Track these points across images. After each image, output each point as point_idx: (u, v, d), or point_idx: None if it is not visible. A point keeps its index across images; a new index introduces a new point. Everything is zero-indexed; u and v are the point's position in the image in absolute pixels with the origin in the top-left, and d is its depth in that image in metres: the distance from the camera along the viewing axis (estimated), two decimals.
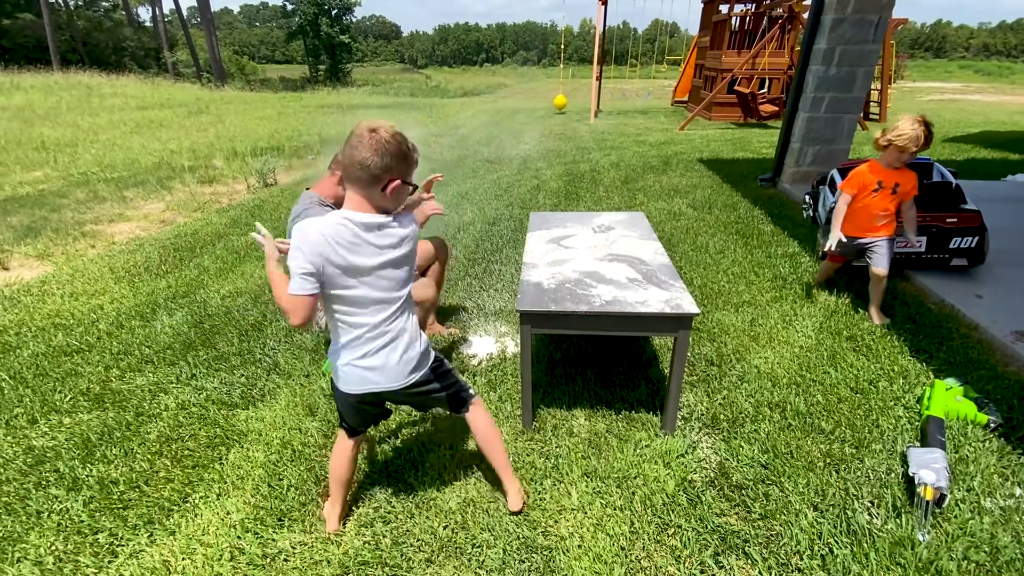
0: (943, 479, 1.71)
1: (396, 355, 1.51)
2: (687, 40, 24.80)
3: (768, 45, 11.61)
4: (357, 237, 1.38)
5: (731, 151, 8.68)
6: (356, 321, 1.46)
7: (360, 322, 1.46)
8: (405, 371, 1.54)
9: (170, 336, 3.01)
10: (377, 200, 1.39)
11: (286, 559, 1.65)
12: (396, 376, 1.53)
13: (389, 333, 1.49)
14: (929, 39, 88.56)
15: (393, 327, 1.50)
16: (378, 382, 1.52)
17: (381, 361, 1.50)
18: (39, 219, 5.28)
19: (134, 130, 11.21)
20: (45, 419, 2.32)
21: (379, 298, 1.45)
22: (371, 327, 1.47)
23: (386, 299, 1.47)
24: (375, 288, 1.44)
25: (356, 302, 1.44)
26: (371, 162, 1.32)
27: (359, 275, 1.40)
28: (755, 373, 2.54)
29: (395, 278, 1.47)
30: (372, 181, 1.35)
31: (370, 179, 1.34)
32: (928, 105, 17.42)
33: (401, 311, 1.52)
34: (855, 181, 2.86)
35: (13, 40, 29.16)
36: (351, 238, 1.37)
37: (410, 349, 1.54)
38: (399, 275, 1.48)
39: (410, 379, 1.55)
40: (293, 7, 42.45)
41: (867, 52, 5.31)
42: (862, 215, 2.90)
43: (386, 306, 1.47)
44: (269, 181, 6.89)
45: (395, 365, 1.52)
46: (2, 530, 1.76)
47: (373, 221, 1.39)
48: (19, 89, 17.82)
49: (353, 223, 1.37)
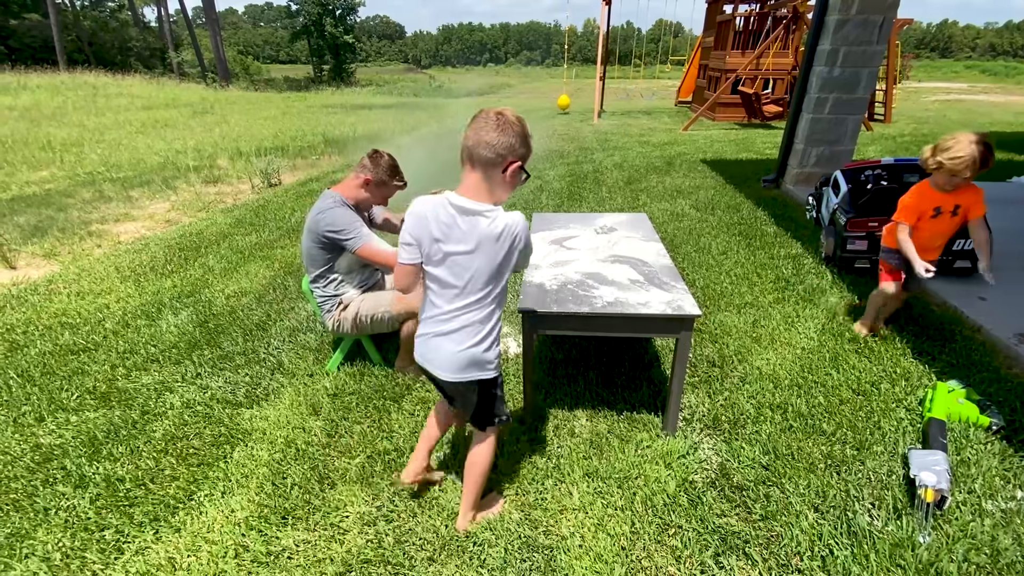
0: (944, 481, 1.72)
1: (453, 347, 1.51)
2: (691, 40, 24.77)
3: (772, 45, 11.59)
4: (452, 220, 1.41)
5: (735, 152, 8.66)
6: (433, 300, 1.52)
7: (436, 302, 1.51)
8: (454, 367, 1.54)
9: (175, 335, 3.04)
10: (496, 182, 1.42)
11: (290, 557, 1.67)
12: (444, 367, 1.55)
13: (455, 323, 1.50)
14: (935, 39, 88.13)
15: (460, 320, 1.49)
16: (430, 362, 1.57)
17: (436, 346, 1.54)
18: (46, 218, 5.32)
19: (139, 130, 11.28)
20: (52, 417, 2.34)
21: (454, 284, 1.47)
22: (443, 311, 1.50)
23: (461, 288, 1.47)
24: (452, 274, 1.46)
25: (437, 281, 1.49)
26: (497, 142, 1.36)
27: (443, 256, 1.44)
28: (757, 374, 2.54)
29: (472, 269, 1.43)
30: (496, 162, 1.38)
31: (495, 159, 1.38)
32: (934, 105, 17.34)
33: (477, 308, 1.49)
34: (911, 211, 2.50)
35: (20, 40, 29.34)
36: (447, 219, 1.42)
37: (470, 349, 1.51)
38: (478, 267, 1.43)
39: (455, 377, 1.55)
40: (297, 7, 42.53)
41: (871, 53, 5.29)
42: (916, 241, 2.51)
43: (460, 296, 1.48)
44: (273, 181, 6.92)
45: (447, 357, 1.53)
46: (11, 526, 1.78)
47: (470, 207, 1.40)
48: (26, 89, 17.96)
49: (452, 206, 1.41)
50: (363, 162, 2.38)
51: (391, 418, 2.29)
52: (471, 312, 1.49)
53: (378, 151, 2.40)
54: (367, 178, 2.35)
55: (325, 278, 2.43)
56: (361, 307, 2.42)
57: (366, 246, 2.27)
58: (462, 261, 1.43)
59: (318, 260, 2.39)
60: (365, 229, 2.31)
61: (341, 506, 1.85)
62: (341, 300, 2.45)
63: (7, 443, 2.18)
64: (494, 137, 1.37)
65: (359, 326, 2.45)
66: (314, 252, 2.37)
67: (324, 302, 2.46)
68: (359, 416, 2.31)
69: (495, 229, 1.40)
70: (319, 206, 2.33)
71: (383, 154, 2.39)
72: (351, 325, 2.45)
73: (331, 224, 2.26)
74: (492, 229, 1.40)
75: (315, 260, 2.39)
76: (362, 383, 2.52)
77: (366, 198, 2.41)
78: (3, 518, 1.82)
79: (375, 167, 2.36)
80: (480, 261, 1.43)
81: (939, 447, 1.90)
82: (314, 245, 2.35)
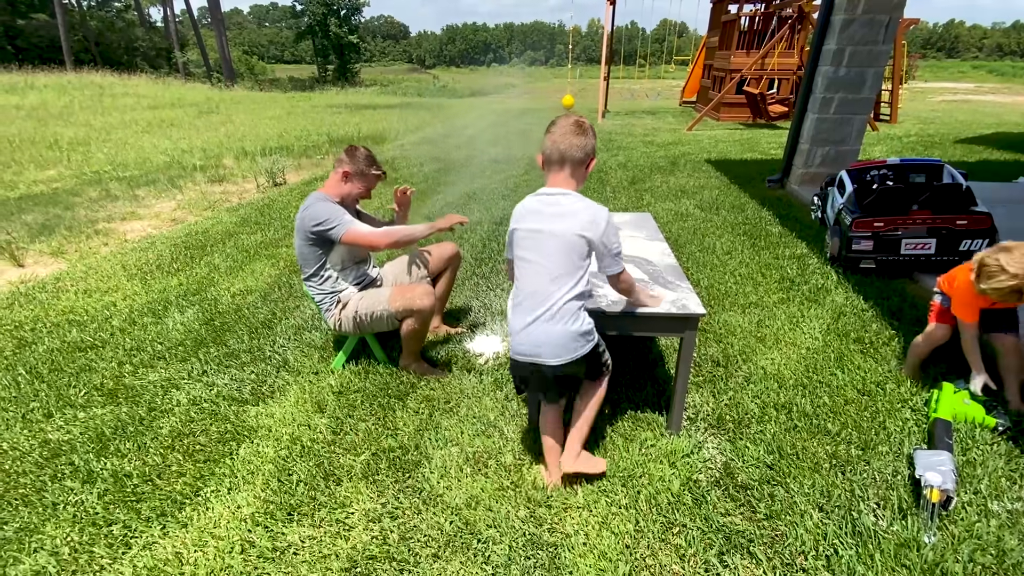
0: (949, 481, 1.71)
1: (560, 328, 1.61)
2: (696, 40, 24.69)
3: (778, 45, 11.55)
4: (540, 204, 1.66)
5: (739, 152, 8.64)
6: (519, 285, 1.68)
7: (520, 286, 1.67)
8: (566, 349, 1.63)
9: (181, 333, 3.06)
10: (579, 176, 1.68)
11: (295, 552, 1.68)
12: (554, 353, 1.63)
13: (555, 306, 1.61)
14: (941, 39, 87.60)
15: (562, 301, 1.61)
16: (541, 347, 1.64)
17: (544, 331, 1.63)
18: (53, 217, 5.36)
19: (146, 129, 11.35)
20: (60, 413, 2.36)
21: (537, 262, 1.63)
22: (527, 294, 1.65)
23: (545, 269, 1.62)
24: (537, 252, 1.63)
25: (522, 260, 1.67)
26: (584, 143, 1.63)
27: (528, 238, 1.65)
28: (761, 374, 2.54)
29: (554, 249, 1.61)
30: (584, 160, 1.65)
31: (583, 158, 1.64)
32: (940, 106, 17.25)
33: (573, 287, 1.62)
34: (973, 309, 2.16)
35: (28, 40, 29.54)
36: (535, 206, 1.67)
37: (573, 326, 1.63)
38: (558, 247, 1.60)
39: (568, 358, 1.63)
40: (302, 7, 42.66)
41: (877, 53, 5.27)
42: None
43: (544, 277, 1.62)
44: (278, 180, 6.95)
45: (558, 339, 1.62)
46: (20, 521, 1.80)
47: (554, 191, 1.66)
48: (33, 88, 18.09)
49: (541, 193, 1.68)
50: (341, 157, 2.45)
51: (396, 416, 2.30)
52: (570, 291, 1.62)
53: (353, 145, 2.48)
54: (346, 171, 2.42)
55: (319, 276, 2.46)
56: (360, 305, 2.45)
57: (349, 231, 2.33)
58: (543, 239, 1.62)
59: (310, 258, 2.43)
60: (347, 216, 2.36)
61: (346, 503, 1.86)
62: (339, 298, 2.47)
63: (16, 439, 2.20)
64: (582, 140, 1.62)
65: (360, 325, 2.47)
66: (305, 251, 2.42)
67: (322, 300, 2.49)
68: (364, 414, 2.32)
69: (574, 206, 1.62)
70: (303, 205, 2.39)
71: (359, 147, 2.48)
72: (352, 324, 2.47)
73: (314, 217, 2.32)
74: (572, 205, 1.62)
75: (307, 259, 2.43)
76: (367, 381, 2.53)
77: (349, 192, 2.46)
78: (12, 512, 1.84)
79: (352, 159, 2.43)
80: (564, 239, 1.60)
81: (944, 447, 1.89)
82: (304, 243, 2.40)
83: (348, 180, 2.44)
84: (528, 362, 1.68)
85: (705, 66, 16.54)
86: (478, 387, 2.49)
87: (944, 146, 8.85)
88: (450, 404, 2.38)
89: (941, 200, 3.45)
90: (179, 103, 17.15)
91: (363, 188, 2.49)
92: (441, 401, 2.40)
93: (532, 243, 1.65)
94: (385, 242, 2.37)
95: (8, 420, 2.32)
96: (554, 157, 1.64)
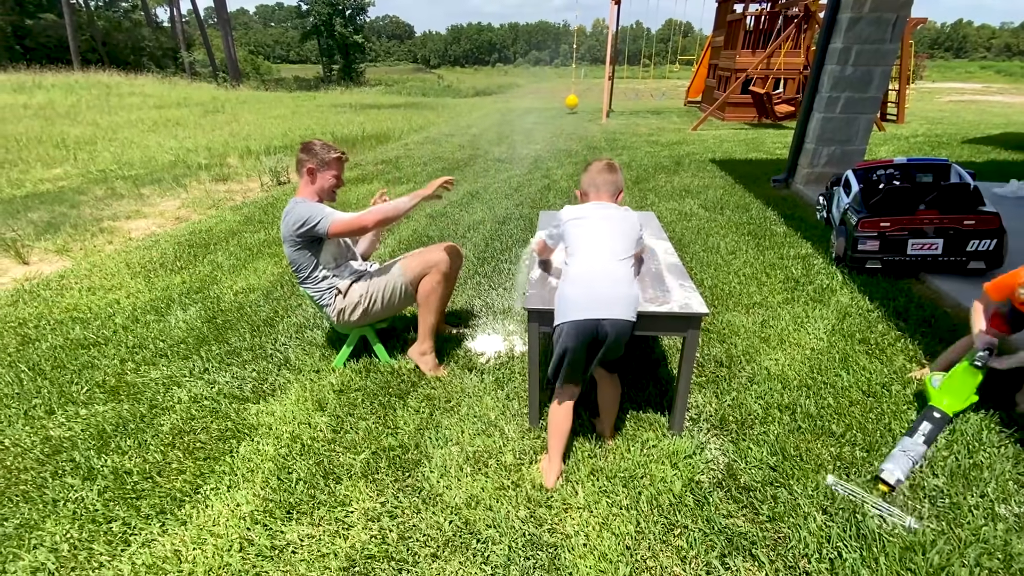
0: (899, 469, 1.82)
1: (625, 290, 1.81)
2: (701, 40, 24.61)
3: (783, 44, 11.48)
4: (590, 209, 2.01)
5: (744, 151, 8.60)
6: (596, 259, 1.87)
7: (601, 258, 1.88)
8: (629, 309, 1.79)
9: (184, 331, 3.06)
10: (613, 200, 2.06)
11: (294, 551, 1.67)
12: (623, 311, 1.77)
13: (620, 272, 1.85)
14: (949, 39, 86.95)
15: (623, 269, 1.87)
16: (610, 304, 1.77)
17: (611, 286, 1.81)
18: (59, 215, 5.39)
19: (151, 128, 11.41)
20: (62, 410, 2.37)
21: (598, 243, 1.90)
22: (607, 263, 1.86)
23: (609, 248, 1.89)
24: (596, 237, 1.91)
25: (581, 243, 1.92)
26: (616, 180, 2.05)
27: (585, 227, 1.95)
28: (765, 375, 2.52)
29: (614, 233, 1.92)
30: (615, 192, 2.05)
31: (615, 191, 2.05)
32: (948, 106, 17.12)
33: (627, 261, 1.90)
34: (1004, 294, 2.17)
35: (36, 40, 29.79)
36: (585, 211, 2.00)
37: (634, 290, 1.86)
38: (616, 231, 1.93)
39: (632, 316, 1.78)
40: (308, 7, 42.79)
41: (884, 52, 5.23)
42: None
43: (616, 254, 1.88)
44: (282, 179, 6.97)
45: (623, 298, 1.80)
46: (20, 517, 1.80)
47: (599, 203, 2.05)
48: (40, 88, 18.23)
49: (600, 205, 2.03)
50: (299, 158, 2.39)
51: (396, 414, 2.30)
52: (626, 263, 1.88)
53: (305, 141, 2.41)
54: (309, 167, 2.37)
55: (315, 278, 2.44)
56: (370, 286, 2.43)
57: (334, 222, 2.30)
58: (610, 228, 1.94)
59: (302, 263, 2.40)
60: (328, 209, 2.33)
61: (346, 502, 1.85)
62: (338, 288, 2.44)
63: (18, 435, 2.20)
64: (614, 177, 2.05)
65: (370, 312, 2.45)
66: (295, 256, 2.39)
67: (321, 296, 2.46)
68: (364, 412, 2.31)
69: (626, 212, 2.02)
70: (284, 213, 2.36)
71: (311, 141, 2.42)
72: (359, 312, 2.44)
73: (297, 220, 2.29)
74: (624, 212, 2.01)
75: (300, 264, 2.41)
76: (368, 379, 2.53)
77: (321, 186, 2.41)
78: (13, 509, 1.84)
79: (310, 154, 2.38)
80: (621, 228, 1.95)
81: (920, 432, 1.97)
82: (293, 250, 2.37)
83: (315, 175, 2.38)
84: (597, 319, 1.75)
85: (710, 66, 16.49)
86: (479, 386, 2.48)
87: (951, 146, 8.78)
88: (451, 403, 2.37)
89: (948, 200, 3.41)
90: (185, 103, 17.23)
91: (332, 177, 2.43)
92: (442, 400, 2.39)
93: (589, 230, 1.93)
94: (372, 220, 2.32)
95: (10, 416, 2.33)
96: (591, 189, 2.05)
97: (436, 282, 2.45)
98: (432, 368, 2.57)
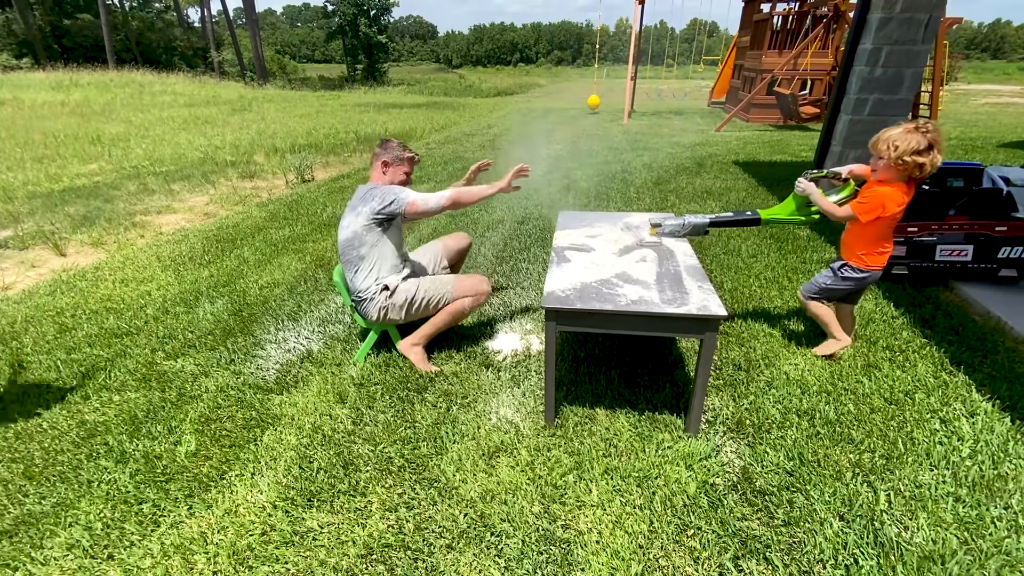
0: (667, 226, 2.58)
1: None
2: (726, 40, 24.25)
3: (811, 45, 11.27)
4: None
5: (768, 153, 8.47)
6: None
7: None
8: None
9: (211, 323, 3.16)
10: None
11: (314, 538, 1.73)
12: None
13: None
14: (987, 39, 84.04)
15: None
16: None
17: None
18: (94, 209, 5.59)
19: (182, 126, 11.72)
20: (97, 396, 2.47)
21: None
22: None
23: None
24: None
25: None
26: None
27: None
28: (784, 379, 2.49)
29: None
30: None
31: None
32: (984, 108, 16.57)
33: None
34: None
35: (73, 39, 30.83)
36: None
37: None
38: None
39: None
40: (333, 8, 43.48)
41: (916, 52, 5.10)
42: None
43: None
44: (307, 177, 7.11)
45: None
46: (57, 496, 1.89)
47: None
48: (77, 86, 18.88)
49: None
50: (375, 151, 2.59)
51: (414, 409, 2.34)
52: None
53: (384, 138, 2.62)
54: (384, 160, 2.56)
55: (367, 269, 2.49)
56: (421, 287, 2.54)
57: (411, 201, 2.42)
58: None
59: (365, 243, 2.45)
60: (407, 190, 2.48)
61: (364, 491, 1.90)
62: (387, 285, 2.51)
63: (55, 418, 2.31)
64: None
65: (410, 314, 2.57)
66: (365, 235, 2.44)
67: (367, 289, 2.51)
68: (383, 406, 2.36)
69: None
70: (361, 194, 2.49)
71: (389, 138, 2.63)
72: (403, 311, 2.54)
73: (383, 198, 2.42)
74: None
75: (361, 244, 2.45)
76: (387, 374, 2.58)
77: (391, 180, 2.58)
78: (50, 488, 1.93)
79: (386, 149, 2.57)
80: None
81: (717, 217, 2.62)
82: (366, 229, 2.43)
83: (388, 168, 2.57)
84: None
85: (735, 66, 16.26)
86: (496, 383, 2.51)
87: (986, 150, 8.51)
88: (467, 399, 2.41)
89: (980, 205, 3.32)
90: (214, 101, 17.66)
91: (403, 173, 2.61)
92: (459, 396, 2.43)
93: None
94: (447, 203, 2.44)
95: (49, 400, 2.44)
96: None
97: (469, 307, 2.60)
98: (421, 361, 2.62)
